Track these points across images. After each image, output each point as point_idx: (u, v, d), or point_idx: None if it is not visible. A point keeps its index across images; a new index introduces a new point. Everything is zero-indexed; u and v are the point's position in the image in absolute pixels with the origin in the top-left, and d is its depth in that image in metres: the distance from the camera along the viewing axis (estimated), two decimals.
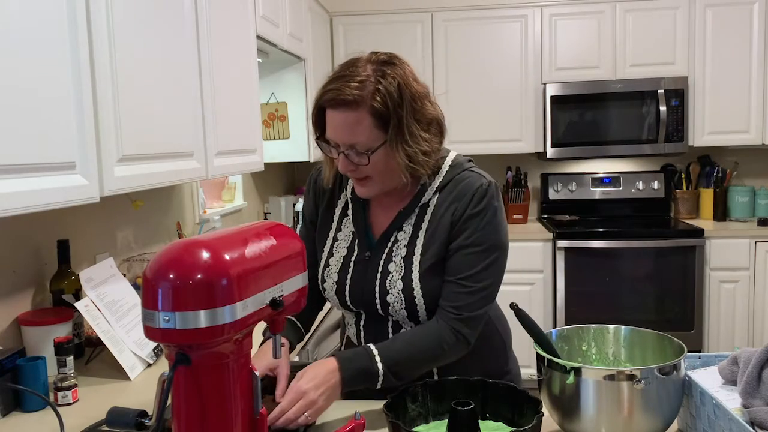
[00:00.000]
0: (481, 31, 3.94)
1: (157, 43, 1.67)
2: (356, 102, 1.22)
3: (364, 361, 1.23)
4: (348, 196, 1.42)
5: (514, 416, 1.19)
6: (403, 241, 1.34)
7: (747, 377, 1.05)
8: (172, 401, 0.88)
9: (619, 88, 3.85)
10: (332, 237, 1.42)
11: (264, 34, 2.58)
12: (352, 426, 1.10)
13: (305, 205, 1.50)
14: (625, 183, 4.18)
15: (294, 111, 3.38)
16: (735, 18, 3.78)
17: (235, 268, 0.84)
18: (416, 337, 1.28)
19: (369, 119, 1.23)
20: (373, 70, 1.25)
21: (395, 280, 1.31)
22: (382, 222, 1.38)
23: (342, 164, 1.28)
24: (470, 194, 1.30)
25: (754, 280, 3.68)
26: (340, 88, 1.23)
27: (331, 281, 1.38)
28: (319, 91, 1.28)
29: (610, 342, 1.26)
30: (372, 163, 1.25)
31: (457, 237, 1.30)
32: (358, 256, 1.37)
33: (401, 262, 1.32)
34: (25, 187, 1.16)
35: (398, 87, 1.23)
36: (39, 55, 1.21)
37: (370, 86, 1.23)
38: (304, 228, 1.50)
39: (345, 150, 1.26)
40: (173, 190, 2.57)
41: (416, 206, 1.34)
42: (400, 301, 1.31)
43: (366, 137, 1.24)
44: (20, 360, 1.43)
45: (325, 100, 1.25)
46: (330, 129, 1.27)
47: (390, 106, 1.22)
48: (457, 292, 1.29)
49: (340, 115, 1.24)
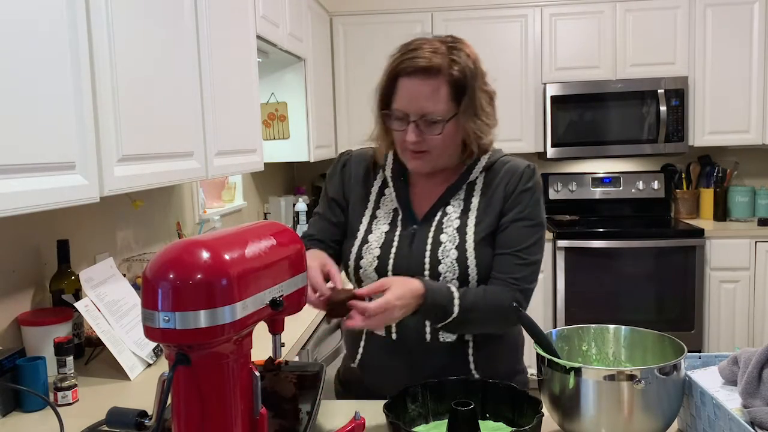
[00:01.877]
0: (481, 31, 3.93)
1: (157, 43, 1.67)
2: (436, 69, 1.25)
3: (445, 299, 1.26)
4: (388, 175, 1.43)
5: (514, 416, 1.19)
6: (454, 214, 1.37)
7: (747, 377, 1.05)
8: (172, 401, 0.88)
9: (619, 88, 3.85)
10: (370, 215, 1.42)
11: (264, 34, 2.57)
12: (352, 426, 1.10)
13: (330, 184, 1.49)
14: (625, 183, 4.18)
15: (294, 111, 3.38)
16: (735, 18, 3.78)
17: (235, 268, 0.84)
18: (488, 293, 1.31)
19: (445, 89, 1.27)
20: (445, 45, 1.29)
21: (448, 250, 1.33)
22: (424, 199, 1.40)
23: (411, 134, 1.29)
24: (520, 172, 1.36)
25: (754, 280, 3.68)
26: (419, 56, 1.26)
27: (371, 257, 1.37)
28: (391, 62, 1.31)
29: (610, 342, 1.26)
30: (443, 134, 1.28)
31: (511, 210, 1.35)
32: (403, 230, 1.38)
33: (454, 232, 1.34)
34: (25, 187, 1.16)
35: (472, 60, 1.29)
36: (39, 55, 1.21)
37: (447, 57, 1.26)
38: (325, 206, 1.49)
39: (416, 119, 1.28)
40: (173, 190, 2.57)
41: (463, 184, 1.38)
42: (453, 271, 1.32)
43: (441, 107, 1.27)
44: (20, 360, 1.43)
45: (402, 68, 1.27)
46: (403, 98, 1.29)
47: (467, 77, 1.27)
48: (515, 264, 1.33)
49: (418, 82, 1.26)
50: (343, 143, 4.10)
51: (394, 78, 1.30)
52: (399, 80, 1.29)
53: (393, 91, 1.30)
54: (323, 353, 2.26)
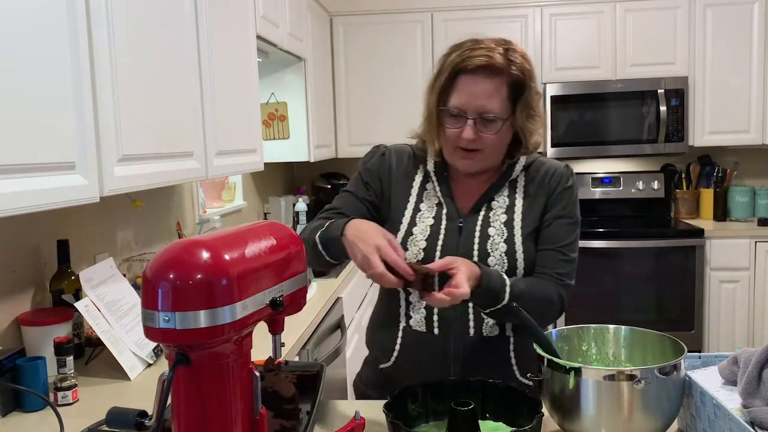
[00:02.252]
0: (482, 31, 3.88)
1: (157, 42, 1.67)
2: (498, 69, 1.28)
3: (497, 285, 1.27)
4: (430, 170, 1.44)
5: (514, 416, 1.19)
6: (500, 209, 1.40)
7: (747, 377, 1.05)
8: (172, 401, 0.88)
9: (619, 88, 3.85)
10: (413, 208, 1.43)
11: (264, 34, 2.58)
12: (352, 426, 1.10)
13: (366, 170, 1.48)
14: (625, 183, 4.18)
15: (294, 111, 3.38)
16: (735, 18, 3.78)
17: (235, 268, 0.84)
18: (537, 284, 1.34)
19: (505, 88, 1.29)
20: (500, 46, 1.31)
21: (497, 243, 1.36)
22: (467, 196, 1.42)
23: (469, 131, 1.30)
24: (560, 172, 1.42)
25: (754, 280, 3.69)
26: (479, 54, 1.27)
27: (416, 249, 1.38)
28: (448, 59, 1.32)
29: (610, 342, 1.26)
30: (498, 133, 1.31)
31: (553, 207, 1.39)
32: (449, 223, 1.39)
33: (501, 226, 1.37)
34: (25, 187, 1.16)
35: (527, 61, 1.33)
36: (39, 55, 1.21)
37: (505, 57, 1.29)
38: (357, 185, 1.48)
39: (474, 117, 1.29)
40: (173, 190, 2.57)
41: (506, 182, 1.41)
42: (501, 263, 1.34)
43: (500, 106, 1.30)
44: (20, 360, 1.43)
45: (464, 66, 1.28)
46: (462, 95, 1.30)
47: (525, 77, 1.30)
48: (559, 259, 1.37)
49: (480, 80, 1.28)
50: (343, 143, 4.10)
51: (453, 75, 1.30)
52: (459, 77, 1.30)
53: (451, 87, 1.31)
54: (323, 353, 2.26)
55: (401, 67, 3.96)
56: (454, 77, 1.30)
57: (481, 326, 1.36)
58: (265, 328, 1.03)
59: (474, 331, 1.35)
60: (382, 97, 4.00)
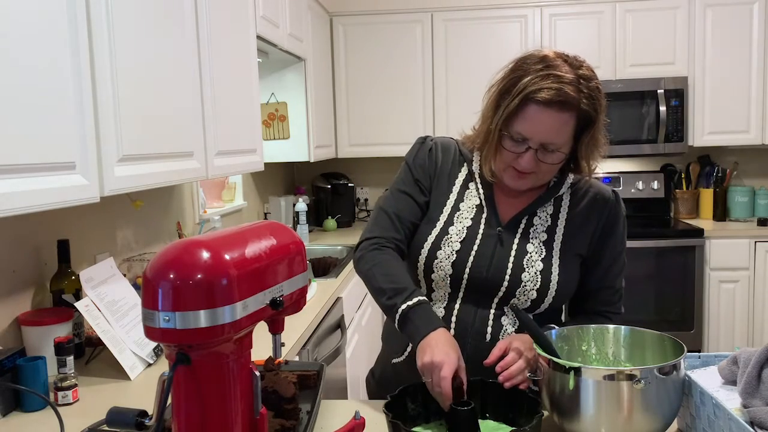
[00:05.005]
0: (481, 31, 3.94)
1: (158, 42, 1.67)
2: (570, 103, 1.22)
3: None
4: (474, 170, 1.41)
5: (514, 416, 1.19)
6: (541, 226, 1.37)
7: (747, 377, 1.05)
8: (172, 401, 0.88)
9: (619, 88, 3.85)
10: (452, 206, 1.40)
11: (264, 34, 2.58)
12: (352, 426, 1.10)
13: (416, 166, 1.43)
14: (625, 183, 4.18)
15: (294, 111, 3.39)
16: (735, 18, 3.78)
17: (235, 268, 0.84)
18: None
19: (573, 122, 1.25)
20: (575, 74, 1.24)
21: (534, 260, 1.33)
22: (510, 204, 1.39)
23: (528, 162, 1.27)
24: (611, 201, 1.40)
25: (754, 280, 3.69)
26: (556, 88, 1.21)
27: (450, 249, 1.35)
28: (523, 83, 1.24)
29: (610, 342, 1.26)
30: (559, 163, 1.29)
31: (607, 242, 1.39)
32: (487, 229, 1.36)
33: (540, 244, 1.35)
34: (25, 187, 1.16)
35: (600, 92, 1.27)
36: (39, 55, 1.21)
37: (578, 88, 1.23)
38: (411, 185, 1.43)
39: (536, 147, 1.26)
40: (173, 190, 2.57)
41: (551, 197, 1.38)
42: (534, 281, 1.32)
43: (565, 139, 1.27)
44: (20, 360, 1.43)
45: (535, 97, 1.22)
46: (529, 124, 1.25)
47: (596, 112, 1.26)
48: (616, 296, 1.42)
49: (551, 113, 1.23)
50: (343, 143, 4.10)
51: (523, 101, 1.24)
52: (528, 105, 1.24)
53: (518, 113, 1.25)
54: (323, 353, 2.27)
55: (401, 67, 3.96)
56: (523, 103, 1.24)
57: (499, 333, 1.34)
58: (265, 328, 1.04)
59: (491, 337, 1.34)
60: (382, 97, 4.00)
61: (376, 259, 1.35)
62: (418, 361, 1.19)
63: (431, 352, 1.17)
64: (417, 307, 1.26)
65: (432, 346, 1.18)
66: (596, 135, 1.29)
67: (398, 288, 1.30)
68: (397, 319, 1.28)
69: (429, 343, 1.20)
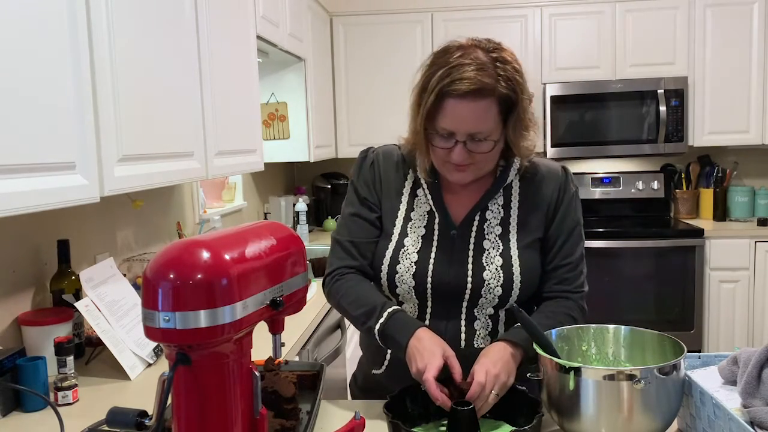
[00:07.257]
0: (481, 31, 3.88)
1: (158, 43, 1.67)
2: (487, 90, 1.19)
3: (530, 345, 1.20)
4: (420, 176, 1.38)
5: (514, 416, 1.19)
6: (494, 220, 1.35)
7: (747, 377, 1.05)
8: (172, 401, 0.88)
9: (619, 88, 3.85)
10: (403, 217, 1.38)
11: (264, 34, 2.58)
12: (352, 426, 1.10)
13: (360, 184, 1.42)
14: (625, 183, 4.18)
15: (294, 111, 3.38)
16: (735, 18, 3.78)
17: (235, 268, 0.84)
18: (558, 314, 1.32)
19: (495, 107, 1.22)
20: (489, 57, 1.22)
21: (493, 257, 1.32)
22: (460, 204, 1.36)
23: (459, 154, 1.24)
24: (561, 176, 1.37)
25: (754, 280, 3.69)
26: (469, 77, 1.18)
27: (408, 262, 1.33)
28: (433, 77, 1.22)
29: (610, 342, 1.26)
30: (491, 150, 1.25)
31: (558, 219, 1.36)
32: (441, 234, 1.35)
33: (497, 239, 1.33)
34: (25, 187, 1.16)
35: (518, 72, 1.24)
36: (39, 55, 1.21)
37: (494, 72, 1.21)
38: (358, 206, 1.41)
39: (464, 139, 1.24)
40: (173, 190, 2.57)
41: (500, 188, 1.36)
42: (497, 278, 1.31)
43: (491, 126, 1.23)
44: (20, 360, 1.43)
45: (450, 90, 1.19)
46: (450, 118, 1.22)
47: (516, 92, 1.23)
48: (572, 274, 1.37)
49: (468, 104, 1.20)
50: (343, 143, 4.10)
51: (439, 97, 1.21)
52: (445, 100, 1.21)
53: (438, 109, 1.23)
54: (323, 353, 2.27)
55: (401, 67, 3.95)
56: (440, 99, 1.21)
57: (473, 339, 1.34)
58: (265, 328, 1.04)
59: (465, 344, 1.33)
60: (382, 97, 4.00)
61: (341, 290, 1.36)
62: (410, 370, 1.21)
63: (415, 361, 1.19)
64: (389, 321, 1.27)
65: (415, 354, 1.20)
66: (522, 115, 1.25)
67: (368, 310, 1.30)
68: (379, 340, 1.29)
69: (412, 351, 1.21)
